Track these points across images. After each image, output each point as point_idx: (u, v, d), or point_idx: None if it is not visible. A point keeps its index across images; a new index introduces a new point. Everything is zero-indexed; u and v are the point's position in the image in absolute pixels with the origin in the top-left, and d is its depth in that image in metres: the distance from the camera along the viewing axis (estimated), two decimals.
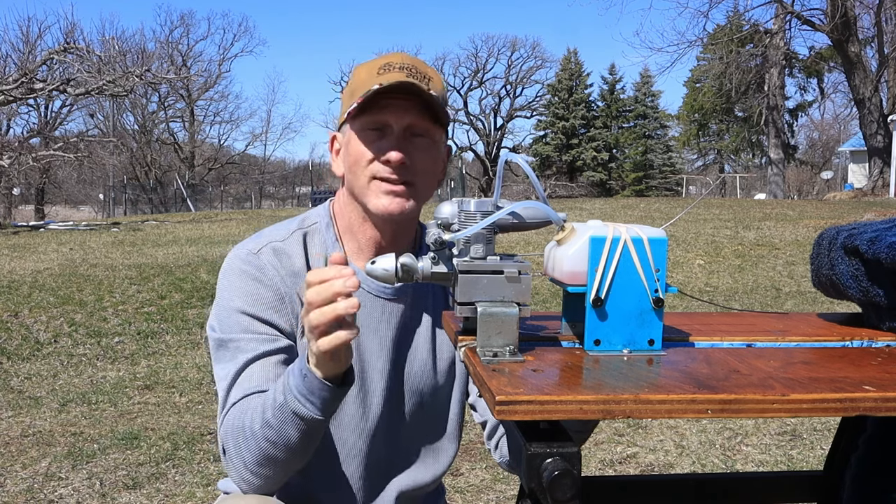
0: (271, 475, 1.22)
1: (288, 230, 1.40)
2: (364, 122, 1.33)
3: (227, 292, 1.34)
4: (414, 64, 1.36)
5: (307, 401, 1.15)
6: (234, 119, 53.97)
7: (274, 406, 1.17)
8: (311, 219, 1.43)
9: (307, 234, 1.40)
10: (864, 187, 23.88)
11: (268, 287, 1.33)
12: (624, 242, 0.98)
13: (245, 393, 1.26)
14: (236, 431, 1.22)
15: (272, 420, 1.17)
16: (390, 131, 1.33)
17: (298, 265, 1.36)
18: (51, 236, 13.99)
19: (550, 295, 7.33)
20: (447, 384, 1.48)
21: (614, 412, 0.81)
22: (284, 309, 1.33)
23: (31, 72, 18.25)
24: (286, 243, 1.37)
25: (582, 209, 16.13)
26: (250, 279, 1.33)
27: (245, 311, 1.31)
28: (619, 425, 3.92)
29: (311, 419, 1.16)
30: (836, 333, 1.15)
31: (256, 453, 1.20)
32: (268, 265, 1.34)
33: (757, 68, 28.82)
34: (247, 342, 1.29)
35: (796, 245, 10.39)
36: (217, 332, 1.32)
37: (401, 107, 1.32)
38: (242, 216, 20.04)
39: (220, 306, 1.34)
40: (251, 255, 1.35)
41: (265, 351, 1.29)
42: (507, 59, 46.41)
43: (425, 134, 1.35)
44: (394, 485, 1.44)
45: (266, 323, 1.31)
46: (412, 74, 1.33)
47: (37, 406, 4.60)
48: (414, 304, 1.43)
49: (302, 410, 1.15)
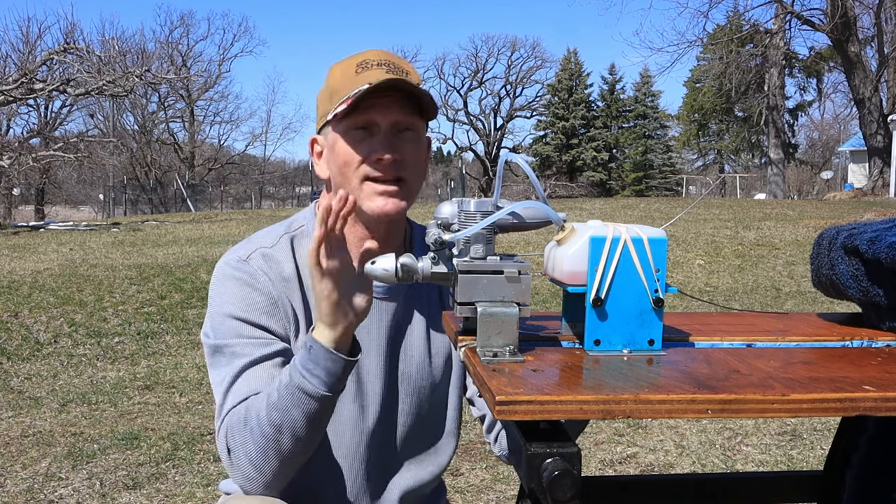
0: (275, 470, 1.21)
1: (276, 235, 1.40)
2: (350, 122, 1.32)
3: (220, 298, 1.34)
4: (390, 59, 1.36)
5: (312, 375, 1.15)
6: (234, 119, 54.20)
7: (279, 388, 1.18)
8: (297, 222, 1.43)
9: (294, 238, 1.40)
10: (864, 187, 23.88)
11: (260, 292, 1.33)
12: (624, 242, 0.98)
13: (242, 397, 1.26)
14: (239, 426, 1.22)
15: (278, 402, 1.17)
16: (377, 130, 1.32)
17: (288, 270, 1.36)
18: (51, 236, 13.99)
19: (550, 295, 7.33)
20: (444, 380, 1.48)
21: (614, 412, 0.81)
22: (277, 313, 1.33)
23: (31, 72, 18.26)
24: (275, 249, 1.37)
25: (582, 209, 16.13)
26: (242, 284, 1.33)
27: (238, 316, 1.31)
28: (619, 425, 3.92)
29: (317, 395, 1.16)
30: (836, 333, 1.15)
31: (261, 443, 1.19)
32: (258, 271, 1.34)
33: (757, 68, 28.82)
34: (242, 347, 1.29)
35: (796, 245, 10.39)
36: (211, 339, 1.32)
37: (385, 104, 1.31)
38: (242, 216, 20.04)
39: (213, 313, 1.34)
40: (241, 261, 1.35)
41: (262, 355, 1.29)
42: (507, 59, 46.49)
43: (411, 127, 1.34)
44: (395, 483, 1.45)
45: (260, 327, 1.31)
46: (391, 70, 1.33)
47: (37, 406, 4.60)
48: (407, 301, 1.43)
49: (307, 386, 1.15)
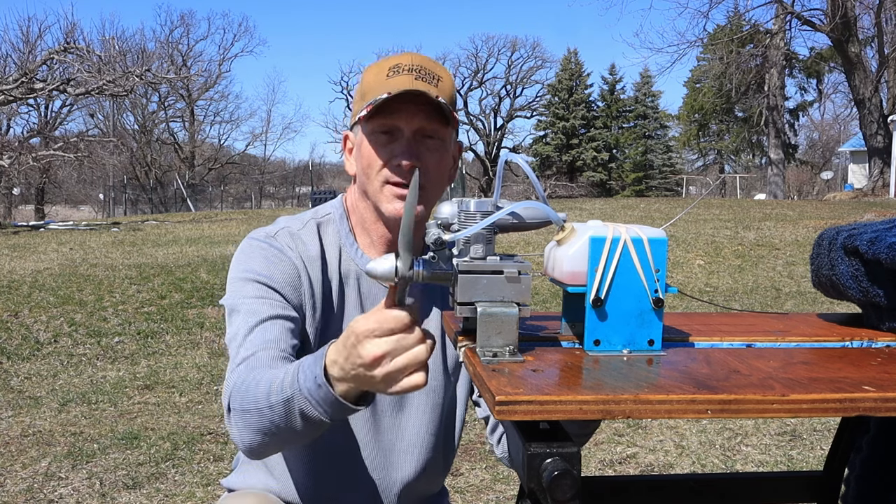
0: (271, 444, 1.19)
1: (302, 221, 1.43)
2: (375, 125, 1.35)
3: (243, 265, 1.35)
4: (423, 64, 1.37)
5: (318, 406, 1.11)
6: (234, 119, 54.06)
7: (281, 395, 1.13)
8: (324, 210, 1.46)
9: (321, 224, 1.43)
10: (864, 187, 23.88)
11: (285, 263, 1.34)
12: (624, 242, 0.98)
13: (256, 349, 1.24)
14: (242, 395, 1.17)
15: (278, 408, 1.14)
16: (401, 135, 1.34)
17: (313, 252, 1.38)
18: (51, 236, 13.99)
19: (550, 295, 7.33)
20: (454, 383, 1.49)
21: (614, 412, 0.81)
22: (298, 285, 1.34)
23: (31, 72, 18.24)
24: (302, 231, 1.40)
25: (582, 209, 16.13)
26: (268, 256, 1.35)
27: (259, 280, 1.32)
28: (619, 425, 3.92)
29: (318, 420, 1.14)
30: (836, 333, 1.15)
31: (261, 425, 1.16)
32: (285, 246, 1.36)
33: (757, 68, 28.81)
34: (259, 305, 1.30)
35: (796, 245, 10.39)
36: (230, 300, 1.33)
37: (410, 111, 1.33)
38: (242, 216, 20.04)
39: (233, 278, 1.35)
40: (269, 237, 1.38)
41: (277, 314, 1.29)
42: (507, 59, 46.40)
43: (435, 135, 1.36)
44: (400, 484, 1.45)
45: (280, 293, 1.32)
46: (421, 76, 1.34)
47: (37, 406, 4.60)
48: (420, 302, 1.44)
49: (311, 412, 1.12)
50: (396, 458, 1.44)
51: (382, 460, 1.43)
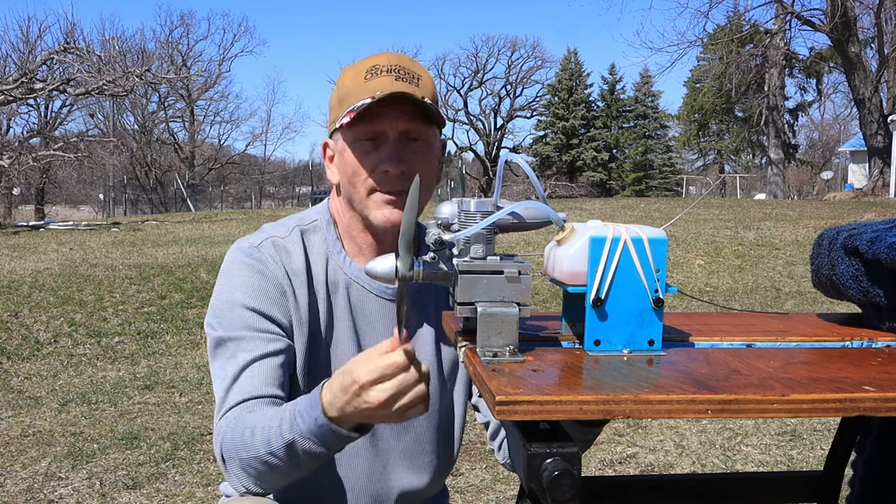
0: (273, 484, 1.22)
1: (287, 228, 1.39)
2: (357, 133, 1.32)
3: (230, 286, 1.33)
4: (401, 64, 1.34)
5: (319, 443, 1.12)
6: (234, 119, 54.09)
7: (282, 440, 1.14)
8: (309, 216, 1.43)
9: (305, 231, 1.40)
10: (864, 187, 23.88)
11: (269, 280, 1.32)
12: (624, 242, 0.98)
13: (244, 397, 1.24)
14: (238, 445, 1.19)
15: (280, 453, 1.15)
16: (385, 139, 1.31)
17: (298, 265, 1.35)
18: (51, 236, 13.99)
19: (550, 295, 7.33)
20: (452, 385, 1.48)
21: (614, 412, 0.81)
22: (285, 304, 1.32)
23: (31, 72, 18.25)
24: (286, 241, 1.37)
25: (582, 209, 16.13)
26: (253, 272, 1.32)
27: (247, 304, 1.30)
28: (619, 425, 3.92)
29: (321, 454, 1.15)
30: (836, 333, 1.15)
31: (263, 470, 1.18)
32: (269, 259, 1.34)
33: (757, 68, 28.81)
34: (248, 341, 1.28)
35: (796, 245, 10.39)
36: (217, 331, 1.31)
37: (393, 114, 1.29)
38: (242, 216, 20.04)
39: (220, 301, 1.33)
40: (253, 248, 1.35)
41: (266, 352, 1.28)
42: (507, 59, 46.40)
43: (420, 137, 1.33)
44: (399, 487, 1.44)
45: (266, 318, 1.30)
46: (401, 77, 1.31)
47: (37, 406, 4.60)
48: (415, 304, 1.42)
49: (315, 449, 1.13)
50: (394, 463, 1.43)
51: (380, 466, 1.42)
